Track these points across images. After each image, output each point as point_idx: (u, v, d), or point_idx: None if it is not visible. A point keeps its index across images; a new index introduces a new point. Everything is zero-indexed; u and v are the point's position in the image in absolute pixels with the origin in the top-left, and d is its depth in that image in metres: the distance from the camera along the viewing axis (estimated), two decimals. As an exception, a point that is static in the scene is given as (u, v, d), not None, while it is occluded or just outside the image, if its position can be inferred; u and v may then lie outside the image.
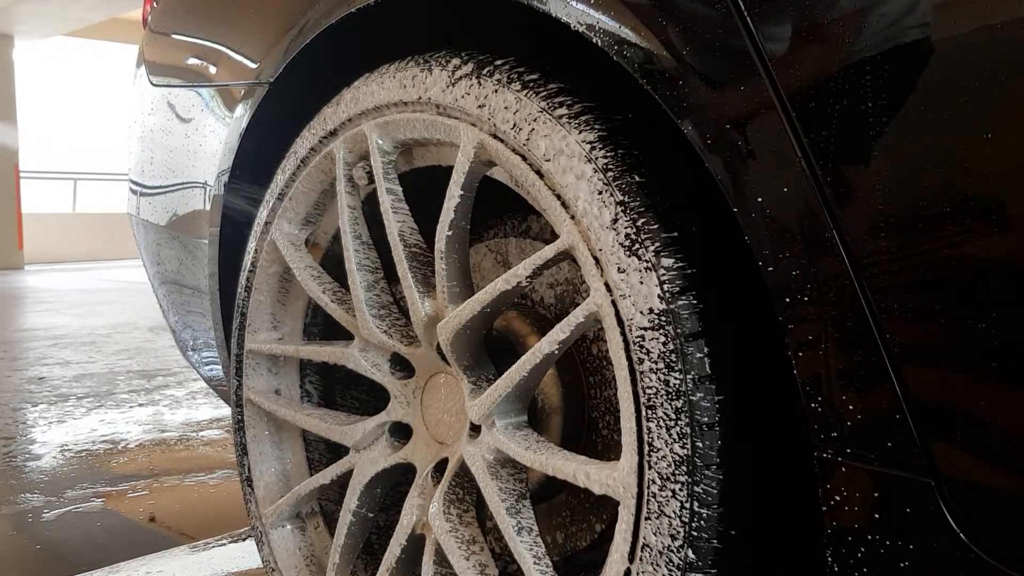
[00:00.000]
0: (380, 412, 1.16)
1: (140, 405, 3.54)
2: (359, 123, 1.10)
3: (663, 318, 0.77)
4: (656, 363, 0.77)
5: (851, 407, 0.68)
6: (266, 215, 1.25)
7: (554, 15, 0.86)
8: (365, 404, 1.38)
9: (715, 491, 0.76)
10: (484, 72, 0.94)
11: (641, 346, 0.78)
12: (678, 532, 0.77)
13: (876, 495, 0.68)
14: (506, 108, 0.90)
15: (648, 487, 0.79)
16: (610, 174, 0.81)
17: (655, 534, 0.78)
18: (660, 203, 0.81)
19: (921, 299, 0.64)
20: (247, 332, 1.29)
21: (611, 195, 0.81)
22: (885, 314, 0.65)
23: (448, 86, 0.97)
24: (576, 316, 0.86)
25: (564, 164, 0.85)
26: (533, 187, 0.89)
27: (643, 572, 0.80)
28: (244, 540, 2.01)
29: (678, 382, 0.76)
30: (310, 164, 1.18)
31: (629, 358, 0.80)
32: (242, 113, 1.32)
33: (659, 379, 0.77)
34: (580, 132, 0.84)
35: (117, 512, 2.25)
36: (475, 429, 1.01)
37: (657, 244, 0.78)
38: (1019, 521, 0.63)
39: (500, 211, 1.22)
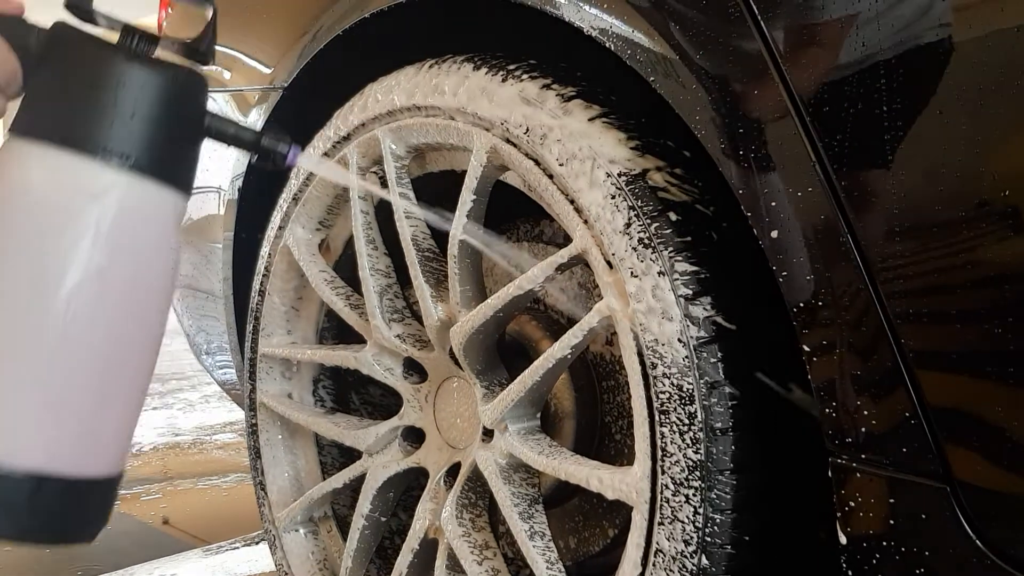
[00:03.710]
0: (393, 416, 1.16)
1: (154, 409, 3.55)
2: (372, 128, 1.10)
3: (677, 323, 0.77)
4: (669, 368, 0.77)
5: (866, 412, 0.68)
6: (279, 220, 1.25)
7: (567, 19, 0.86)
8: (378, 408, 1.38)
9: (729, 496, 0.76)
10: (497, 76, 0.94)
11: (654, 351, 0.78)
12: (691, 537, 0.77)
13: (891, 501, 0.68)
14: (520, 112, 0.90)
15: (661, 492, 0.79)
16: (623, 178, 0.81)
17: (668, 539, 0.78)
18: (673, 207, 0.80)
19: (936, 304, 0.64)
20: (260, 336, 1.30)
21: (624, 199, 0.81)
22: (900, 319, 0.65)
23: (460, 90, 0.97)
24: (589, 320, 0.85)
25: (577, 168, 0.84)
26: (546, 191, 0.89)
27: (656, 577, 0.80)
28: (257, 544, 2.01)
29: (691, 387, 0.76)
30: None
31: (642, 363, 0.80)
32: (256, 118, 1.33)
33: (672, 384, 0.77)
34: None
35: (131, 515, 2.26)
36: (488, 433, 1.01)
37: (671, 248, 0.78)
38: (1036, 528, 0.62)
39: (513, 215, 1.22)
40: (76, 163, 0.65)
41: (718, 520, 0.76)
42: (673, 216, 0.80)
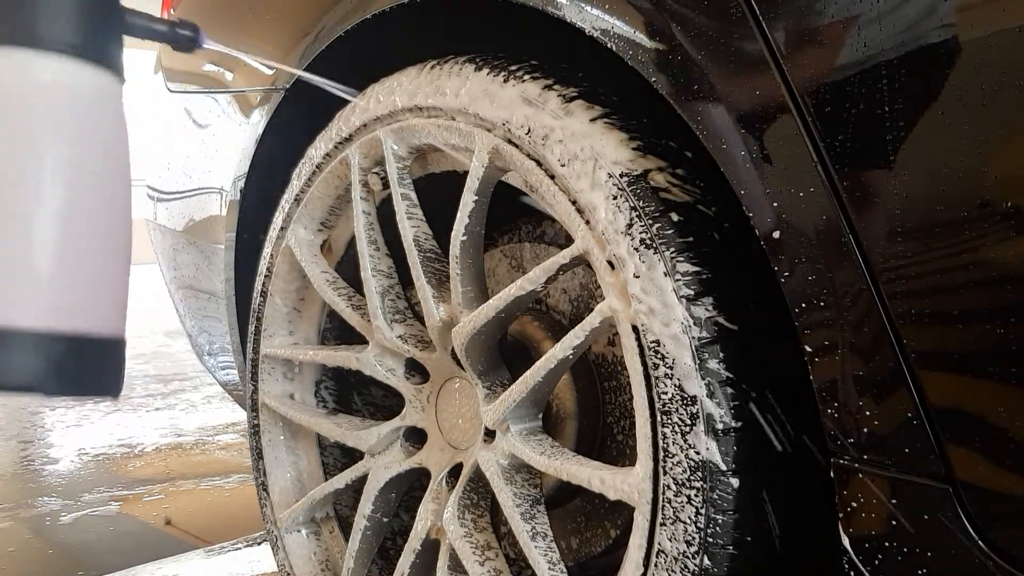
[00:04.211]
0: (395, 417, 1.16)
1: (156, 409, 3.56)
2: (374, 128, 1.10)
3: (679, 324, 0.77)
4: (671, 368, 0.77)
5: (868, 413, 0.68)
6: (281, 220, 1.25)
7: (569, 20, 0.86)
8: (380, 409, 1.38)
9: (731, 497, 0.76)
10: (499, 77, 0.94)
11: (656, 351, 0.78)
12: (693, 538, 0.77)
13: (893, 502, 0.68)
14: (521, 113, 0.90)
15: (663, 493, 0.79)
16: (625, 179, 0.81)
17: (670, 540, 0.78)
18: (675, 208, 0.80)
19: (939, 304, 0.64)
20: (262, 337, 1.30)
21: (626, 200, 0.81)
22: (902, 319, 0.65)
23: (462, 91, 0.97)
24: (591, 321, 0.85)
25: (579, 169, 0.85)
26: (548, 192, 0.89)
27: (658, 578, 0.80)
28: (259, 544, 2.01)
29: (693, 387, 0.76)
30: (326, 169, 1.18)
31: (644, 364, 0.80)
32: (258, 119, 1.33)
33: (674, 385, 0.77)
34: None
35: (133, 516, 2.27)
36: (489, 434, 1.01)
37: (672, 249, 0.78)
38: (1039, 528, 0.62)
39: (515, 216, 1.22)
40: (31, 58, 0.73)
41: (720, 521, 0.76)
42: (675, 217, 0.80)
